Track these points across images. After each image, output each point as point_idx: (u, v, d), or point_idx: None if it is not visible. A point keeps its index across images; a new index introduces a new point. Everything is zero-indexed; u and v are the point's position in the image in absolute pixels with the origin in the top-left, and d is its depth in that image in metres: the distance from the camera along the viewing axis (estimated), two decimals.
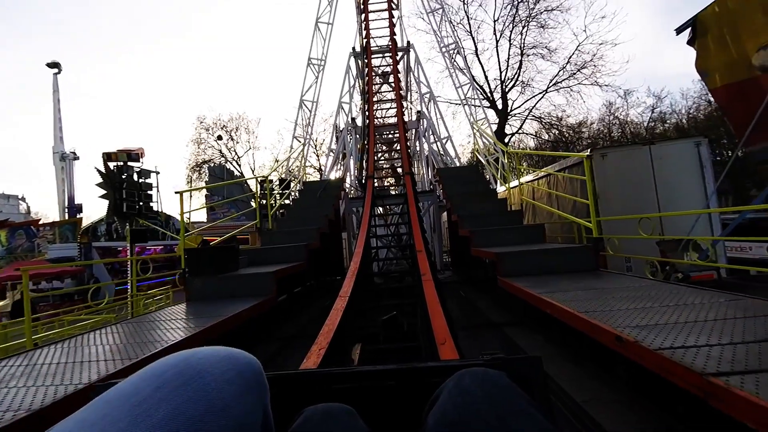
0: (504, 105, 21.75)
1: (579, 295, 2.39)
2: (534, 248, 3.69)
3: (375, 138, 11.70)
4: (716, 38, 6.40)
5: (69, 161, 28.78)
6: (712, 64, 6.48)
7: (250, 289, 3.48)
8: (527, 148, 29.03)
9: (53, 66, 26.87)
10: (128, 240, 8.37)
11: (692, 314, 1.70)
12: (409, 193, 7.03)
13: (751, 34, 5.88)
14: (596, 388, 1.87)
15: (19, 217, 28.86)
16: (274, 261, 4.55)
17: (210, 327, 2.45)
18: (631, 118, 28.71)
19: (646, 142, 7.52)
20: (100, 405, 0.32)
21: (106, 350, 2.00)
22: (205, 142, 28.17)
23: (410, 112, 14.26)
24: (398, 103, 12.36)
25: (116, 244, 18.73)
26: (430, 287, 3.22)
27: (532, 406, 0.37)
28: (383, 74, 15.29)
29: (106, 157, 8.49)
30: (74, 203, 28.75)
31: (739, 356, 1.19)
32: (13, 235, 22.58)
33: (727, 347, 1.28)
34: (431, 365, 0.55)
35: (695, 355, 1.24)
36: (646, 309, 1.87)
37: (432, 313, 2.64)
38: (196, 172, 28.28)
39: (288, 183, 9.78)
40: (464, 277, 6.72)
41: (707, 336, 1.39)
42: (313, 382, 0.57)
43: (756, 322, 1.50)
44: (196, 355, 0.37)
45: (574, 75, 20.48)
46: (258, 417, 0.37)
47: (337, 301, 3.21)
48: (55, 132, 27.96)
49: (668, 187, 7.12)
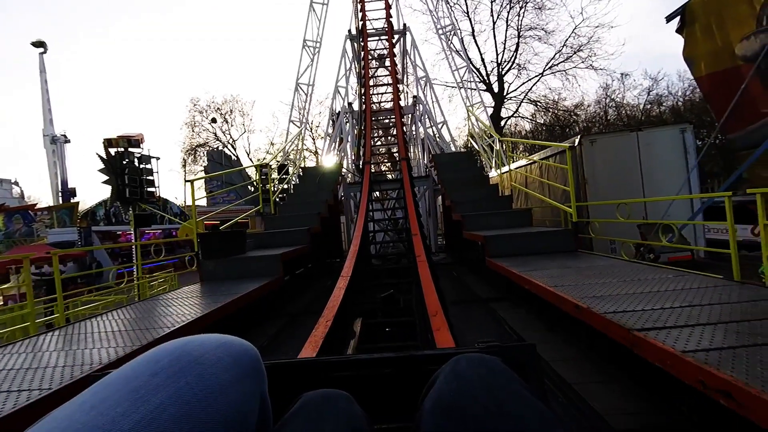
0: (500, 88, 21.74)
1: (554, 273, 2.72)
2: (520, 231, 4.01)
3: (372, 123, 11.83)
4: (703, 27, 6.58)
5: (60, 144, 28.24)
6: (698, 53, 6.69)
7: (258, 270, 3.79)
8: (523, 131, 29.12)
9: (39, 45, 25.84)
10: (132, 225, 8.60)
11: (640, 287, 2.03)
12: (405, 179, 7.28)
13: (736, 25, 6.07)
14: (564, 350, 2.22)
15: (13, 201, 28.54)
16: (278, 245, 4.85)
17: (227, 304, 2.76)
18: (628, 101, 28.71)
19: (633, 128, 7.78)
20: (99, 390, 0.33)
21: (145, 323, 2.31)
22: (199, 125, 27.97)
23: (407, 96, 14.33)
24: (394, 88, 12.42)
25: (115, 228, 18.90)
26: (424, 268, 3.55)
27: (527, 390, 0.37)
28: (380, 57, 15.24)
29: (107, 143, 8.61)
30: (67, 187, 28.38)
31: (662, 317, 1.52)
32: (10, 220, 22.51)
33: (656, 311, 1.61)
34: (428, 353, 0.56)
35: (630, 316, 1.56)
36: (605, 283, 2.20)
37: (425, 291, 2.96)
38: (191, 155, 28.23)
39: (286, 168, 9.99)
40: (457, 258, 7.08)
41: (644, 303, 1.72)
42: (311, 371, 0.57)
43: (686, 293, 1.83)
44: (192, 342, 0.37)
45: (570, 58, 20.44)
46: (255, 403, 0.38)
47: (339, 280, 3.52)
48: (44, 114, 27.21)
49: (653, 172, 7.43)
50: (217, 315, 2.53)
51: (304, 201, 6.46)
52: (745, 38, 5.94)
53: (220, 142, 27.34)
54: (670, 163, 7.48)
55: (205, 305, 2.74)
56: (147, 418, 0.30)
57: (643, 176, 7.48)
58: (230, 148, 26.33)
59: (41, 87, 27.08)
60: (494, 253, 3.67)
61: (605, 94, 28.27)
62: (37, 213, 22.41)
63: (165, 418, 0.30)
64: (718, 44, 6.35)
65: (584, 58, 20.26)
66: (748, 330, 1.36)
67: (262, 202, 6.10)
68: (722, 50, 6.30)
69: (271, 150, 28.31)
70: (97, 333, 2.18)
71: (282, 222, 5.57)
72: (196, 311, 2.52)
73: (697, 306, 1.64)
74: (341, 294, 3.11)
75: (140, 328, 2.19)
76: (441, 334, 2.17)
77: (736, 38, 6.08)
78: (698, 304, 1.67)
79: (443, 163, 7.61)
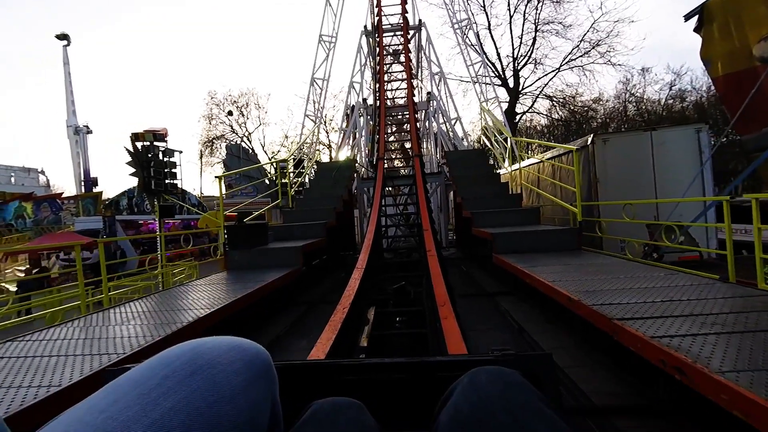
0: (516, 83, 21.55)
1: (555, 269, 2.93)
2: (527, 229, 4.20)
3: (386, 119, 12.02)
4: (721, 27, 6.55)
5: (83, 135, 29.10)
6: (715, 53, 6.65)
7: (280, 260, 4.09)
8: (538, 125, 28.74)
9: (62, 38, 26.42)
10: (157, 215, 9.06)
11: (630, 282, 2.23)
12: (418, 175, 7.49)
13: (754, 25, 6.03)
14: (560, 339, 2.44)
15: (40, 189, 29.60)
16: (296, 237, 5.15)
17: (254, 291, 3.06)
18: (648, 96, 27.96)
19: (647, 128, 7.78)
20: (110, 391, 0.33)
21: (192, 304, 2.62)
22: (216, 117, 28.63)
23: (421, 92, 14.44)
24: (408, 83, 12.55)
25: (137, 217, 19.66)
26: (434, 262, 3.78)
27: (546, 406, 0.37)
28: (394, 53, 15.35)
29: (134, 137, 9.07)
30: (89, 176, 29.28)
31: (642, 309, 1.73)
32: (39, 208, 23.52)
33: (638, 304, 1.81)
34: (440, 359, 0.55)
35: (614, 308, 1.77)
36: (599, 279, 2.41)
37: (435, 283, 3.20)
38: (208, 147, 28.93)
39: (303, 163, 10.32)
40: (467, 254, 7.28)
41: (629, 297, 1.93)
42: (321, 373, 0.56)
43: (671, 290, 2.02)
44: (204, 345, 0.37)
45: (588, 53, 20.11)
46: (266, 407, 0.38)
47: (355, 272, 3.78)
48: (67, 105, 27.93)
49: (667, 172, 7.43)
50: (247, 300, 2.83)
51: (320, 195, 6.74)
52: (763, 39, 5.91)
53: (236, 134, 27.97)
54: (684, 163, 7.46)
55: (236, 291, 3.04)
56: (157, 423, 0.29)
57: (656, 176, 7.49)
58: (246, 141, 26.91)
59: (65, 79, 27.77)
60: (501, 249, 3.88)
61: (625, 89, 27.63)
62: (64, 202, 23.37)
63: (175, 423, 0.30)
64: (736, 45, 6.31)
65: (603, 53, 19.90)
66: (714, 321, 1.56)
67: (281, 196, 6.42)
68: (739, 51, 6.26)
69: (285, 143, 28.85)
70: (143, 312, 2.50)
71: (300, 216, 5.87)
72: (230, 296, 2.82)
73: (677, 301, 1.84)
74: (356, 284, 3.37)
75: (179, 309, 2.50)
76: (448, 323, 2.40)
77: (754, 39, 6.04)
78: (678, 299, 1.87)
79: (455, 160, 7.78)
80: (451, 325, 2.34)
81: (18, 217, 22.76)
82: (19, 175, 31.37)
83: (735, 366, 1.21)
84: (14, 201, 23.08)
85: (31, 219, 23.13)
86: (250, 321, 3.07)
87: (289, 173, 7.66)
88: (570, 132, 25.97)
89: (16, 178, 31.19)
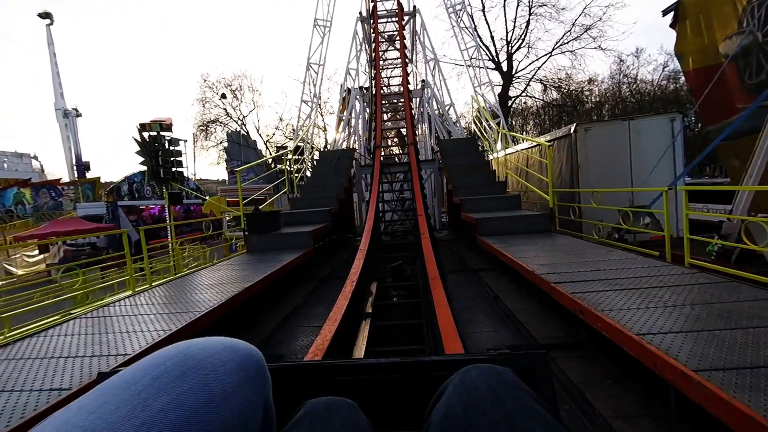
0: (509, 66, 21.82)
1: (526, 249, 3.58)
2: (507, 215, 4.84)
3: (382, 105, 12.43)
4: (693, 24, 7.05)
5: (72, 118, 28.66)
6: (687, 49, 7.17)
7: (293, 243, 4.71)
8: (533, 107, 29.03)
9: (45, 16, 24.83)
10: (167, 202, 9.57)
11: (577, 257, 2.89)
12: (413, 163, 8.05)
13: (721, 24, 6.55)
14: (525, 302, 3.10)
15: (34, 175, 29.34)
16: (304, 222, 5.75)
17: (277, 270, 3.68)
18: (642, 76, 28.25)
19: (626, 117, 8.35)
20: (100, 393, 0.32)
21: (227, 279, 3.25)
22: (210, 101, 28.64)
23: (416, 78, 14.79)
24: (403, 69, 12.89)
25: (138, 202, 20.07)
26: (427, 243, 4.42)
27: (538, 404, 0.37)
28: (389, 38, 15.57)
29: (141, 128, 9.46)
30: (81, 161, 28.98)
31: (574, 275, 2.38)
32: (38, 194, 23.62)
33: (572, 272, 2.47)
34: (435, 359, 0.56)
35: (554, 275, 2.43)
36: (556, 255, 3.06)
37: (427, 261, 3.85)
38: (203, 131, 29.04)
39: (301, 149, 10.82)
40: (458, 236, 7.95)
41: (570, 267, 2.59)
42: (315, 374, 0.57)
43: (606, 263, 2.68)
44: (196, 346, 0.37)
45: (580, 36, 20.36)
46: (259, 408, 0.38)
47: (358, 253, 4.42)
48: (54, 87, 27.17)
49: (642, 159, 8.07)
50: (276, 275, 3.46)
51: (323, 183, 7.32)
52: (727, 38, 6.42)
53: (230, 118, 28.06)
54: (659, 151, 8.10)
55: (264, 269, 3.67)
56: (147, 423, 0.29)
57: (632, 163, 8.13)
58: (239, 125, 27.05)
59: (50, 60, 27.04)
60: (484, 232, 4.52)
61: (619, 70, 27.88)
62: (63, 188, 23.52)
63: (165, 424, 0.30)
64: (705, 41, 6.82)
65: (594, 38, 20.16)
66: (624, 284, 2.21)
67: (288, 184, 6.99)
68: (708, 47, 6.78)
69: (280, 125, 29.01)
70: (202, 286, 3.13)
71: (306, 203, 6.46)
72: (259, 273, 3.45)
73: (602, 270, 2.50)
74: (360, 264, 4.01)
75: (225, 282, 3.12)
76: (437, 293, 3.05)
77: (720, 37, 6.55)
78: (604, 269, 2.53)
79: (447, 149, 8.34)
80: (439, 295, 2.99)
81: (17, 203, 22.86)
82: (12, 160, 30.93)
83: (612, 307, 1.88)
84: (12, 187, 23.09)
85: (30, 205, 23.24)
86: (274, 294, 3.70)
87: (292, 160, 8.20)
88: (564, 113, 26.42)
89: (9, 163, 30.81)
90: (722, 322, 1.68)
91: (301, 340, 2.76)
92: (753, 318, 1.68)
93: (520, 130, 31.72)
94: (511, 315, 2.84)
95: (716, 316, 1.74)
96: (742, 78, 6.25)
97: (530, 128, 32.74)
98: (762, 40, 5.78)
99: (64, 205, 23.61)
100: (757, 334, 1.54)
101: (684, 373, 1.30)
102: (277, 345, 2.66)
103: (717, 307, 1.85)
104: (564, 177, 8.52)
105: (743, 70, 6.18)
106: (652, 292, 2.09)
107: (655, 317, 1.75)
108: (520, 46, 21.86)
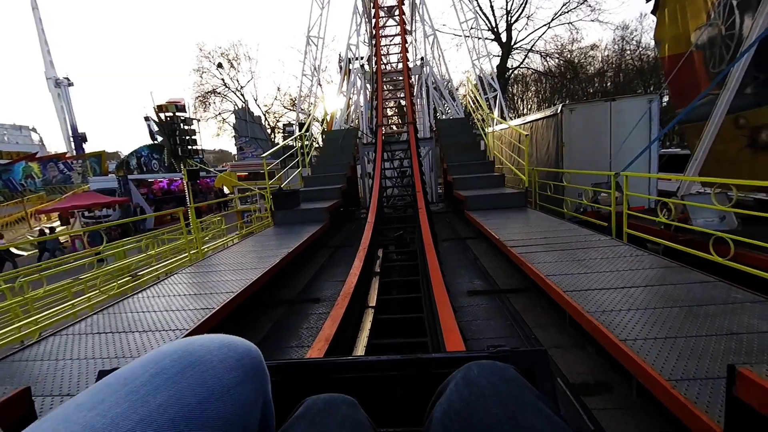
0: (508, 38, 21.86)
1: (501, 222, 4.54)
2: (491, 192, 5.77)
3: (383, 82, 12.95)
4: (671, 13, 7.63)
5: (64, 88, 28.34)
6: (664, 35, 7.78)
7: (312, 217, 5.66)
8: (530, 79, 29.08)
9: None
10: (185, 177, 10.41)
11: (537, 228, 3.85)
12: (412, 142, 8.84)
13: (693, 15, 7.15)
14: (498, 263, 4.10)
15: (34, 148, 29.46)
16: (318, 198, 6.67)
17: (306, 239, 4.65)
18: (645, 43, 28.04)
19: (608, 99, 9.03)
20: (99, 390, 0.33)
21: (273, 246, 4.23)
22: (207, 71, 28.63)
23: (415, 52, 15.15)
24: (403, 45, 13.28)
25: (147, 175, 20.81)
26: (423, 216, 5.37)
27: (539, 400, 0.37)
28: (389, 9, 15.73)
29: (158, 109, 10.13)
30: (77, 132, 29.03)
31: (527, 241, 3.34)
32: (45, 168, 24.08)
33: (529, 239, 3.44)
34: (436, 356, 0.57)
35: (515, 243, 3.39)
36: (520, 226, 4.02)
37: (423, 232, 4.81)
38: (202, 103, 29.23)
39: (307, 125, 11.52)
40: (451, 209, 8.91)
41: (531, 236, 3.56)
42: (315, 372, 0.57)
43: (561, 232, 3.64)
44: (194, 343, 0.37)
45: (579, 6, 20.31)
46: (258, 405, 0.38)
47: (367, 225, 5.37)
48: (43, 55, 26.08)
49: (621, 138, 8.87)
50: (305, 244, 4.44)
51: (331, 162, 8.18)
52: (698, 28, 7.02)
53: (228, 88, 28.17)
54: (636, 130, 8.88)
55: (294, 239, 4.64)
56: (146, 420, 0.30)
57: (612, 141, 8.94)
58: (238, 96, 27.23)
59: (36, 26, 26.25)
60: (470, 207, 5.47)
61: (621, 37, 27.73)
62: (72, 162, 24.00)
63: (164, 420, 0.30)
64: (680, 30, 7.42)
65: (593, 9, 20.14)
66: (558, 247, 3.18)
67: (301, 165, 7.86)
68: (682, 36, 7.39)
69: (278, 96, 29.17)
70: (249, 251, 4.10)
71: (318, 181, 7.35)
72: (293, 242, 4.42)
73: (550, 237, 3.46)
74: (369, 234, 4.98)
75: (273, 248, 4.09)
76: (430, 256, 4.03)
77: (692, 27, 7.15)
78: (552, 237, 3.49)
79: (444, 128, 9.11)
80: (432, 258, 3.96)
81: (27, 177, 23.33)
82: (12, 133, 30.91)
83: (541, 261, 2.86)
84: (20, 161, 23.50)
85: (40, 179, 23.74)
86: (306, 257, 4.69)
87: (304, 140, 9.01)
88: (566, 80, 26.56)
89: (9, 136, 30.87)
90: (606, 264, 2.66)
91: (331, 289, 3.76)
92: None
93: (520, 97, 31.86)
94: (485, 270, 3.85)
95: (602, 261, 2.72)
96: (707, 67, 6.95)
97: (531, 95, 32.84)
98: (725, 33, 6.43)
99: (72, 179, 24.16)
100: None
101: (571, 304, 2.28)
102: (315, 291, 3.68)
103: (614, 260, 2.83)
104: (551, 154, 9.35)
105: (708, 59, 6.87)
106: (577, 253, 3.07)
107: (571, 269, 2.74)
108: (519, 16, 21.80)
